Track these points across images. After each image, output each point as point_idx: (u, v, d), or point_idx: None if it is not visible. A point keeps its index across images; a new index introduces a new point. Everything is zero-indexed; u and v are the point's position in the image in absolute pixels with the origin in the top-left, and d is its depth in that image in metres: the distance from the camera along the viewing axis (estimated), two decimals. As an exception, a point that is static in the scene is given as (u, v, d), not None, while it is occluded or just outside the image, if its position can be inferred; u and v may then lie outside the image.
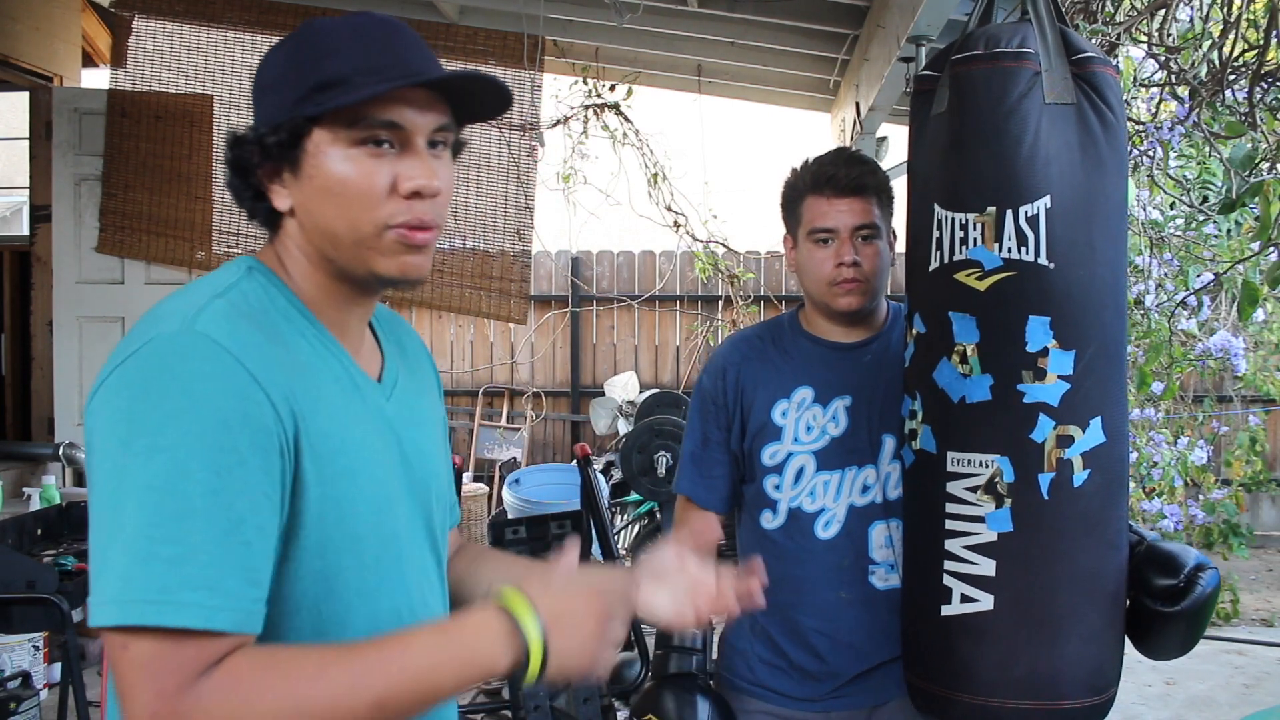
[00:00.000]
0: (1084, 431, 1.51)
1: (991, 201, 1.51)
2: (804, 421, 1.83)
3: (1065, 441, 1.51)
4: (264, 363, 0.95)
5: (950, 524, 1.56)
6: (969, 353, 1.53)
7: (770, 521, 1.84)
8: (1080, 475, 1.51)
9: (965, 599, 1.55)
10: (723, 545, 1.92)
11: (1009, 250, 1.50)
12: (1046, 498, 1.51)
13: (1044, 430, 1.50)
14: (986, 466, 1.53)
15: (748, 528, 1.90)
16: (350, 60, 1.00)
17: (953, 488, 1.56)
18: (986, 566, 1.53)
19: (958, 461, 1.55)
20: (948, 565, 1.56)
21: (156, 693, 0.87)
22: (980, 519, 1.53)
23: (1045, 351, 1.50)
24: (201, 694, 0.87)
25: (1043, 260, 1.49)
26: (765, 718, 1.86)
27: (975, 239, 1.52)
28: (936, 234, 1.57)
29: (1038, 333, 1.50)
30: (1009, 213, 1.50)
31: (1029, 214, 1.49)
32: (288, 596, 0.97)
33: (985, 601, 1.54)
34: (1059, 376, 1.50)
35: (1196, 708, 4.27)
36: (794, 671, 1.84)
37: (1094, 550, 1.55)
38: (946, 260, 1.56)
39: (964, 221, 1.53)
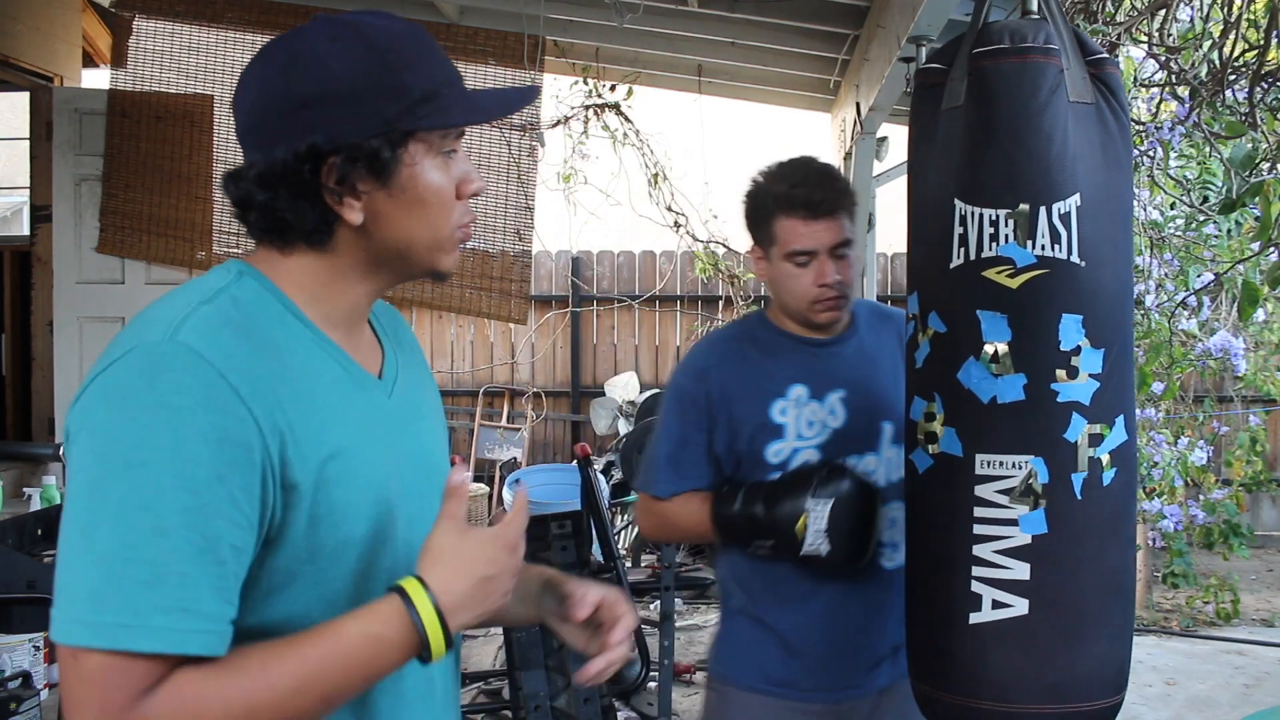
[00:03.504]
0: (1111, 429, 1.50)
1: (1024, 198, 1.48)
2: (805, 417, 1.84)
3: (1096, 440, 1.49)
4: (249, 374, 0.92)
5: (979, 528, 1.50)
6: (1000, 352, 1.50)
7: None
8: (1109, 473, 1.50)
9: (997, 605, 1.50)
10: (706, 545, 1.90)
11: (1042, 247, 1.48)
12: (1079, 497, 1.48)
13: (1077, 429, 1.48)
14: (1020, 468, 1.48)
15: None
16: (429, 73, 1.00)
17: (981, 491, 1.50)
18: (1020, 570, 1.49)
19: (988, 464, 1.50)
20: (976, 571, 1.51)
21: (101, 708, 0.86)
22: (1013, 522, 1.49)
23: (1078, 350, 1.48)
24: (148, 712, 0.87)
25: (1075, 258, 1.48)
26: (779, 713, 1.84)
27: (1006, 235, 1.49)
28: (960, 230, 1.53)
29: (1071, 331, 1.48)
30: (1042, 210, 1.48)
31: (1061, 211, 1.47)
32: (278, 605, 0.96)
33: (1019, 606, 1.49)
34: (1090, 375, 1.48)
35: (1197, 708, 4.27)
36: (804, 660, 1.84)
37: (1118, 547, 1.54)
38: (973, 257, 1.51)
39: (994, 218, 1.50)
